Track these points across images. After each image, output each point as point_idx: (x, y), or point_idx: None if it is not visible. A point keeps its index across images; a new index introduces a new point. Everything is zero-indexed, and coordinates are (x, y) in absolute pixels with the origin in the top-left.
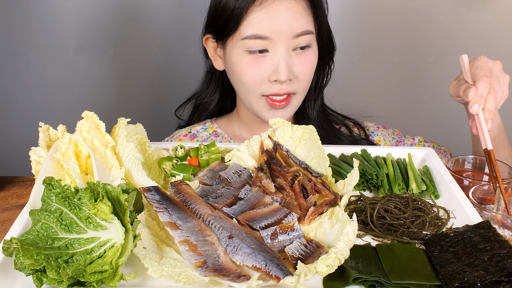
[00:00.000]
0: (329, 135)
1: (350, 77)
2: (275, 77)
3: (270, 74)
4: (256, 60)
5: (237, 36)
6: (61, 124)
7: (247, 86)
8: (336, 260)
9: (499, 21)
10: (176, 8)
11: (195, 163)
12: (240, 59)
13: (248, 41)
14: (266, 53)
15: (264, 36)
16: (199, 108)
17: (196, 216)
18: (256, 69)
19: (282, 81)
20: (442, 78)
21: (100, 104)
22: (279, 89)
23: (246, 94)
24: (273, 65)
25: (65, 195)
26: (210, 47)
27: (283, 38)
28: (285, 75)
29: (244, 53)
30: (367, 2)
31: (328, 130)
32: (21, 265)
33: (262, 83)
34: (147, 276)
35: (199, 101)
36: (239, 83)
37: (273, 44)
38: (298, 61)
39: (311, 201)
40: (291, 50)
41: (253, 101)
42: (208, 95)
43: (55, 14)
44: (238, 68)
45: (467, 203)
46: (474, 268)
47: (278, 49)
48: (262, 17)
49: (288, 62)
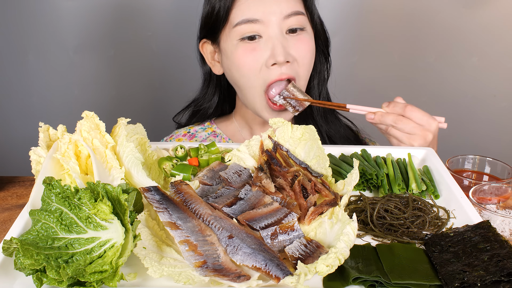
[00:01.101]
0: (330, 127)
1: (350, 77)
2: (273, 60)
3: (267, 58)
4: (250, 47)
5: (228, 26)
6: (61, 124)
7: (248, 77)
8: (336, 260)
9: (499, 21)
10: (176, 8)
11: (195, 163)
12: (235, 50)
13: (240, 27)
14: (260, 38)
15: (254, 19)
16: (197, 114)
17: (196, 216)
18: (252, 56)
19: (281, 63)
20: (442, 78)
21: (100, 104)
22: (279, 74)
23: (248, 89)
24: (269, 48)
25: (65, 195)
26: (208, 52)
27: (274, 20)
28: (282, 56)
29: (237, 43)
30: (367, 2)
31: (330, 123)
32: (21, 265)
33: (261, 70)
34: (147, 276)
35: (197, 108)
36: (239, 77)
37: (265, 27)
38: (294, 43)
39: (311, 201)
40: (284, 32)
41: (256, 98)
42: (206, 101)
43: (55, 14)
44: (235, 60)
45: (467, 203)
46: (474, 268)
47: (270, 31)
48: (250, 1)
49: (283, 43)
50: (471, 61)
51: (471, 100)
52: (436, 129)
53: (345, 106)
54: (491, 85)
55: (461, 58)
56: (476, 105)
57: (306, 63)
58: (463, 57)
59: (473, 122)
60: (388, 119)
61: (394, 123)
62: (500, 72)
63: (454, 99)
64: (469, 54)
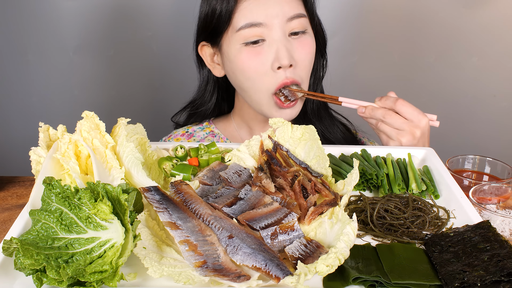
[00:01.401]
0: (325, 127)
1: (350, 77)
2: (278, 64)
3: (272, 62)
4: (254, 50)
5: (231, 30)
6: (61, 124)
7: (253, 80)
8: (336, 260)
9: (499, 21)
10: (176, 9)
11: (195, 163)
12: (239, 54)
13: (243, 32)
14: (263, 42)
15: (258, 23)
16: (195, 115)
17: (196, 216)
18: (257, 60)
19: (285, 66)
20: (442, 78)
21: (100, 104)
22: (285, 78)
23: (254, 91)
24: (273, 51)
25: (65, 195)
26: (207, 55)
27: (277, 23)
28: (287, 59)
29: (241, 47)
30: (367, 3)
31: (326, 123)
32: (21, 265)
33: (267, 74)
34: (147, 276)
35: (194, 110)
36: (245, 80)
37: (269, 30)
38: (297, 46)
39: (311, 201)
40: (287, 35)
41: (263, 100)
42: (204, 102)
43: (55, 14)
44: (239, 64)
45: (467, 203)
46: (474, 268)
47: (274, 35)
48: (252, 5)
49: (287, 46)
50: (471, 61)
51: (471, 100)
52: (425, 126)
53: (337, 98)
54: (491, 85)
55: (461, 58)
56: (476, 105)
57: (307, 66)
58: (463, 57)
59: (473, 122)
60: (378, 113)
61: (383, 117)
62: (500, 72)
63: (454, 99)
64: (469, 54)
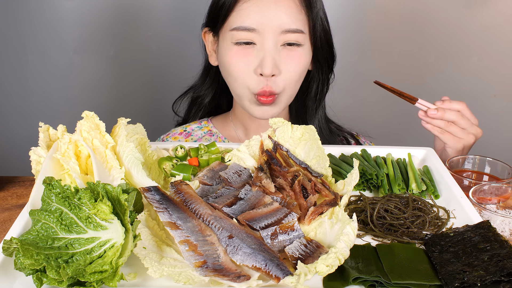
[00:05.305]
0: (328, 142)
1: (350, 77)
2: (260, 70)
3: (256, 67)
4: (243, 51)
5: (226, 27)
6: (61, 124)
7: (236, 78)
8: (336, 260)
9: (499, 21)
10: (176, 9)
11: (195, 163)
12: (229, 50)
13: (236, 33)
14: (254, 45)
15: (251, 28)
16: (196, 103)
17: (196, 216)
18: (243, 60)
19: (266, 75)
20: (442, 78)
21: (100, 104)
22: (264, 85)
23: (235, 87)
24: (259, 58)
25: (65, 195)
26: (209, 41)
27: (270, 32)
28: (269, 69)
29: (231, 45)
30: (367, 2)
31: (330, 140)
32: (21, 265)
33: (249, 76)
34: (147, 276)
35: (195, 94)
36: (228, 75)
37: (261, 37)
38: (285, 57)
39: (311, 201)
40: (279, 45)
41: (243, 95)
42: (203, 89)
43: (55, 14)
44: (226, 59)
45: (467, 203)
46: (474, 268)
47: (265, 43)
48: (251, 8)
49: (274, 56)
50: (471, 61)
51: (471, 100)
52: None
53: (417, 100)
54: (491, 85)
55: (461, 58)
56: (476, 105)
57: (292, 77)
58: (463, 57)
59: None
60: (451, 115)
61: (456, 118)
62: (500, 72)
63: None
64: (469, 54)
